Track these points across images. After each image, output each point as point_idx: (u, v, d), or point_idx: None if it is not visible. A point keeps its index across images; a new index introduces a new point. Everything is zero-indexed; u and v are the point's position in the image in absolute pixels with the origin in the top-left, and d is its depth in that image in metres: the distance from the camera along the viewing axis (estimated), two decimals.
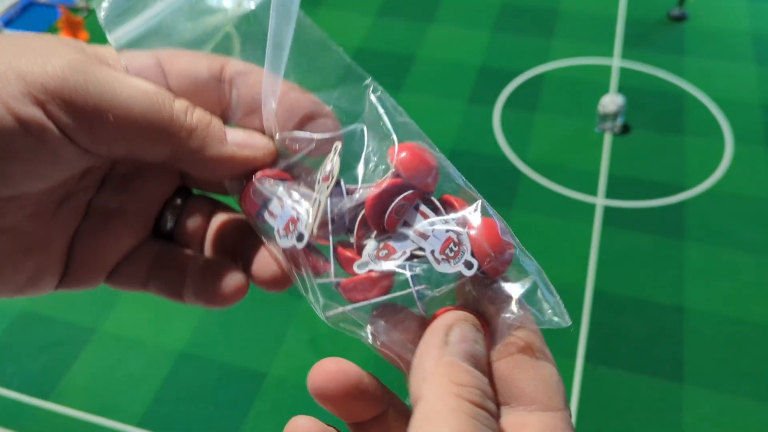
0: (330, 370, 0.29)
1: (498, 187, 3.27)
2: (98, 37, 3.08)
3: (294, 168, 0.30)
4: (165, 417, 2.29)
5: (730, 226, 2.93)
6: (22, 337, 2.57)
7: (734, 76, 3.68)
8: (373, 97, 0.30)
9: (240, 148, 0.29)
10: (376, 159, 0.30)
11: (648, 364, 2.49)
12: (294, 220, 0.28)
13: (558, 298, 0.29)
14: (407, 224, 0.29)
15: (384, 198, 0.28)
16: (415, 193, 0.29)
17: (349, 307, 0.28)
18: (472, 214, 0.29)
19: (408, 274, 0.27)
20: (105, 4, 0.30)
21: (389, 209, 0.28)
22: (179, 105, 0.28)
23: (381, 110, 0.31)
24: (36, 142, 0.25)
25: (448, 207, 0.30)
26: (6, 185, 0.25)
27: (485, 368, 0.27)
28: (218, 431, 2.26)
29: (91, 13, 5.09)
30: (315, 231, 0.28)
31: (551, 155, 3.34)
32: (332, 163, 0.29)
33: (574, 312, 2.68)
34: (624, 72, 3.77)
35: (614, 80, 3.70)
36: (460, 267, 0.27)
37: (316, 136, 0.30)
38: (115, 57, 0.29)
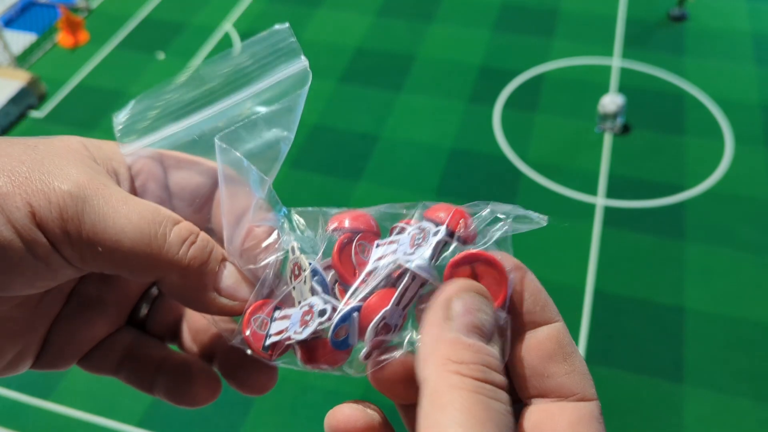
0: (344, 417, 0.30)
1: (498, 187, 3.27)
2: (98, 37, 3.11)
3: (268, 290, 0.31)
4: (165, 417, 2.28)
5: (730, 226, 2.93)
6: None
7: (734, 76, 3.68)
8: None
9: (230, 297, 0.29)
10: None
11: (648, 364, 2.49)
12: (308, 312, 0.29)
13: (517, 205, 0.30)
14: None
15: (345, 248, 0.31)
16: (364, 235, 0.31)
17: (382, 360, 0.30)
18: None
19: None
20: (122, 118, 0.32)
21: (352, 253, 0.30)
22: (175, 236, 0.28)
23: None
24: (39, 264, 0.26)
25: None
26: (3, 291, 0.27)
27: (494, 335, 0.26)
28: (218, 431, 2.26)
29: (91, 13, 5.09)
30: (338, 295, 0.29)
31: (551, 155, 3.34)
32: (298, 259, 0.30)
33: (574, 312, 2.68)
34: (624, 72, 3.77)
35: (614, 80, 3.70)
36: (432, 240, 0.29)
37: (271, 259, 0.31)
38: (117, 157, 0.30)
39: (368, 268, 0.30)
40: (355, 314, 0.29)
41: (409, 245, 0.29)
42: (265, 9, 4.73)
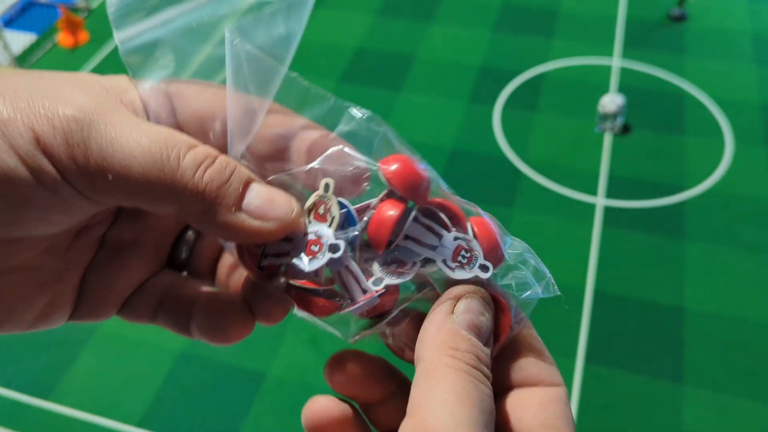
0: (319, 409, 0.32)
1: (498, 187, 3.27)
2: (98, 37, 3.12)
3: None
4: (165, 417, 2.29)
5: (730, 225, 2.93)
6: (22, 337, 2.57)
7: (734, 76, 3.68)
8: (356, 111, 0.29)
9: (253, 217, 0.27)
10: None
11: (648, 364, 2.49)
12: (316, 242, 0.28)
13: (548, 273, 0.31)
14: (409, 237, 0.29)
15: (385, 218, 0.28)
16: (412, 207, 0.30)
17: (372, 330, 0.29)
18: (472, 218, 0.30)
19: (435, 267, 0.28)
20: (113, 0, 0.29)
21: (402, 229, 0.29)
22: (190, 160, 0.26)
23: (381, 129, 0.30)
24: (50, 194, 0.25)
25: (444, 212, 0.30)
26: (19, 230, 0.25)
27: (488, 340, 0.28)
28: (218, 431, 2.26)
29: (91, 13, 5.09)
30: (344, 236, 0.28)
31: (551, 155, 3.34)
32: (328, 200, 0.28)
33: (574, 312, 2.68)
34: (624, 72, 3.77)
35: (614, 80, 3.70)
36: (476, 272, 0.29)
37: (300, 169, 0.29)
38: (128, 89, 0.28)
39: (410, 271, 0.29)
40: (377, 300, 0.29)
41: (451, 257, 0.29)
42: None
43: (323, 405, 0.31)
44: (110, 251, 0.31)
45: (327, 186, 0.29)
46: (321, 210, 0.29)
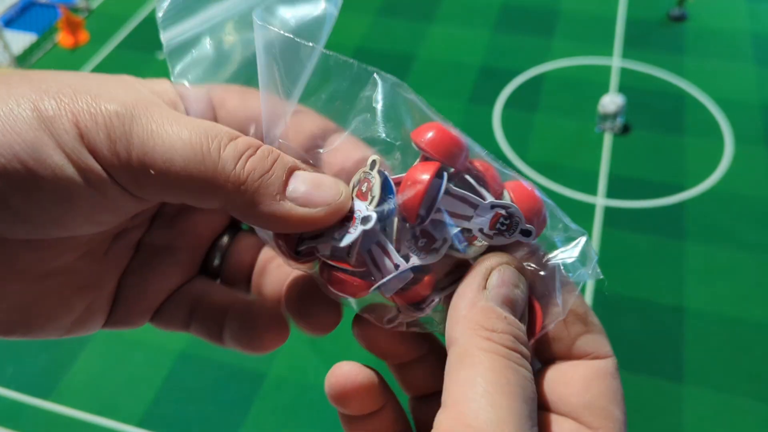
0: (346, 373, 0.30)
1: None
2: (98, 37, 3.13)
3: None
4: (165, 417, 2.29)
5: (730, 226, 2.93)
6: None
7: (734, 76, 3.67)
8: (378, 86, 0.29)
9: (298, 204, 0.26)
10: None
11: (648, 364, 2.49)
12: (350, 218, 0.26)
13: (595, 256, 0.30)
14: (440, 210, 0.28)
15: (417, 180, 0.27)
16: (450, 174, 0.28)
17: (407, 316, 0.28)
18: (510, 184, 0.30)
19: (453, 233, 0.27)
20: (165, 5, 0.30)
21: (437, 198, 0.27)
22: (231, 150, 0.25)
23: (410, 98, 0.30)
24: (95, 192, 0.24)
25: (478, 179, 0.29)
26: (62, 230, 0.25)
27: (524, 313, 0.26)
28: (218, 431, 2.26)
29: (92, 13, 5.09)
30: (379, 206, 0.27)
31: (551, 155, 3.34)
32: (372, 181, 0.27)
33: None
34: (624, 72, 3.77)
35: (614, 80, 3.70)
36: (517, 237, 0.27)
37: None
38: (169, 90, 0.28)
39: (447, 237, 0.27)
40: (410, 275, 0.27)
41: (488, 225, 0.27)
42: None
43: (347, 371, 0.29)
44: (146, 256, 0.31)
45: (373, 163, 0.28)
46: (364, 187, 0.28)
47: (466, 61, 3.91)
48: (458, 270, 0.28)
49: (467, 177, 0.29)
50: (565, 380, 0.27)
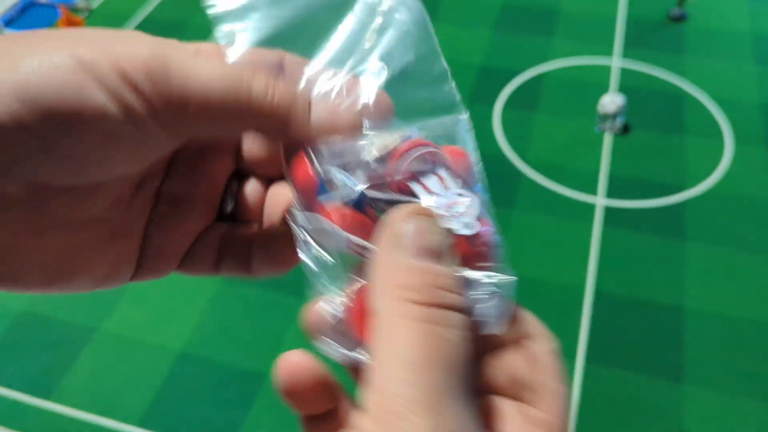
0: (296, 363, 0.30)
1: (498, 187, 3.27)
2: None
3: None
4: (165, 417, 2.28)
5: (730, 226, 2.93)
6: (22, 337, 2.57)
7: (734, 76, 3.67)
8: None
9: (323, 129, 0.29)
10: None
11: (648, 364, 2.49)
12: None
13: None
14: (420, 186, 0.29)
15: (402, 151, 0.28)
16: (434, 153, 0.29)
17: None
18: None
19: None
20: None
21: (409, 158, 0.28)
22: (258, 84, 0.27)
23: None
24: (136, 129, 0.25)
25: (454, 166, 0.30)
26: (106, 170, 0.26)
27: (445, 252, 0.25)
28: (218, 431, 2.26)
29: (92, 13, 5.09)
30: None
31: (551, 155, 3.34)
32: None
33: (574, 312, 2.68)
34: (624, 72, 3.77)
35: (614, 80, 3.70)
36: (458, 225, 0.27)
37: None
38: (193, 49, 0.30)
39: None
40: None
41: (445, 207, 0.27)
42: None
43: (298, 361, 0.30)
44: (166, 205, 0.32)
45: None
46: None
47: (466, 61, 3.91)
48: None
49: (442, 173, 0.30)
50: (501, 364, 0.27)
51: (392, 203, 0.27)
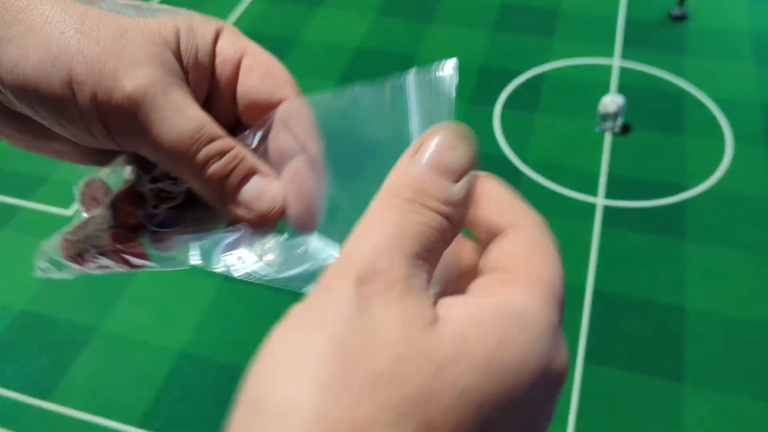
0: None
1: None
2: None
3: None
4: (165, 417, 2.28)
5: (730, 226, 2.93)
6: (22, 337, 2.57)
7: (734, 76, 3.67)
8: None
9: (244, 208, 0.34)
10: None
11: (648, 364, 2.49)
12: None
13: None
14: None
15: None
16: None
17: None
18: None
19: None
20: None
21: None
22: (204, 154, 0.32)
23: None
24: (89, 136, 0.32)
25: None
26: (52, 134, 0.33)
27: (461, 175, 0.25)
28: (218, 431, 2.26)
29: None
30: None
31: (551, 155, 3.34)
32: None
33: (574, 312, 2.67)
34: (624, 72, 3.77)
35: (614, 80, 3.70)
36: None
37: None
38: (209, 54, 0.34)
39: None
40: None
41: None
42: (265, 9, 4.73)
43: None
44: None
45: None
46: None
47: (466, 61, 3.91)
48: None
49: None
50: (488, 253, 0.26)
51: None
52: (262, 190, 0.33)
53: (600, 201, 3.11)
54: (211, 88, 0.34)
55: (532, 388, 0.22)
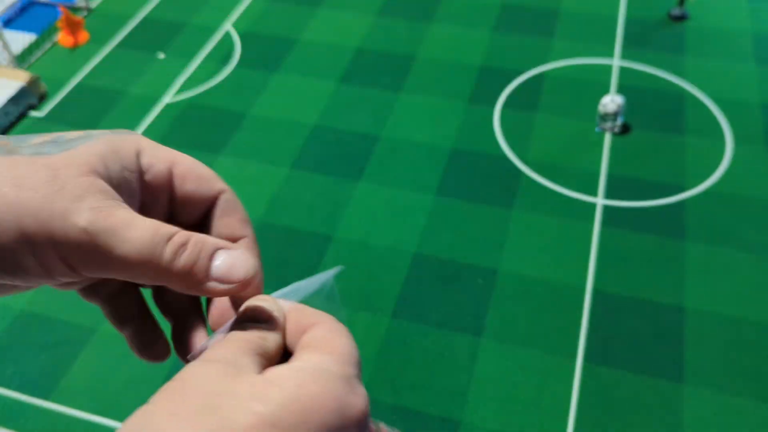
0: None
1: (498, 187, 3.27)
2: (98, 37, 3.12)
3: None
4: None
5: (730, 226, 2.93)
6: (22, 337, 2.57)
7: (734, 76, 3.67)
8: None
9: (219, 282, 0.36)
10: None
11: (648, 364, 2.48)
12: None
13: None
14: None
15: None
16: None
17: None
18: None
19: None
20: None
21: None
22: (169, 251, 0.35)
23: None
24: (53, 280, 0.35)
25: None
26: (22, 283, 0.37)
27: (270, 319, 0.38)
28: None
29: (91, 13, 5.09)
30: None
31: (551, 155, 3.34)
32: None
33: (575, 312, 2.67)
34: (624, 72, 3.77)
35: (614, 80, 3.70)
36: None
37: None
38: (136, 171, 0.38)
39: None
40: None
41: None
42: (265, 9, 4.72)
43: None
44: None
45: None
46: None
47: (466, 61, 3.91)
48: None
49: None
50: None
51: None
52: (234, 261, 0.37)
53: (600, 201, 3.11)
54: (143, 197, 0.38)
55: (326, 416, 0.31)
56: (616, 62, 3.87)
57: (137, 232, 0.34)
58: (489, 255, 3.13)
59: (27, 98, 4.38)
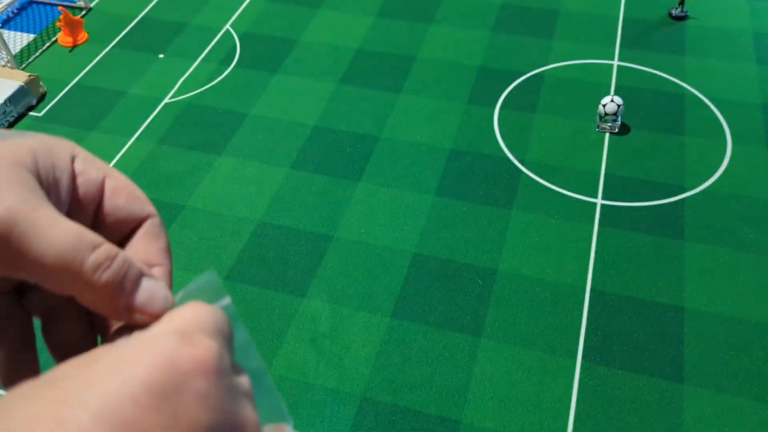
0: None
1: (498, 187, 3.26)
2: (97, 37, 3.14)
3: None
4: None
5: (730, 226, 2.93)
6: None
7: (734, 76, 3.67)
8: None
9: (141, 312, 0.35)
10: None
11: (647, 363, 2.48)
12: None
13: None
14: None
15: None
16: None
17: None
18: None
19: None
20: None
21: None
22: (92, 261, 0.33)
23: None
24: None
25: None
26: None
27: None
28: None
29: (91, 12, 5.08)
30: None
31: (551, 155, 3.33)
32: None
33: (574, 312, 2.67)
34: (624, 72, 3.76)
35: (614, 80, 3.70)
36: None
37: None
38: (67, 172, 0.36)
39: None
40: None
41: None
42: (264, 9, 4.72)
43: None
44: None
45: None
46: None
47: (466, 62, 3.90)
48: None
49: None
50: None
51: None
52: (153, 293, 0.35)
53: (599, 201, 3.11)
54: (71, 203, 0.36)
55: (152, 375, 0.28)
56: (616, 62, 3.88)
57: (60, 232, 0.31)
58: (488, 255, 3.12)
59: (26, 98, 4.39)
